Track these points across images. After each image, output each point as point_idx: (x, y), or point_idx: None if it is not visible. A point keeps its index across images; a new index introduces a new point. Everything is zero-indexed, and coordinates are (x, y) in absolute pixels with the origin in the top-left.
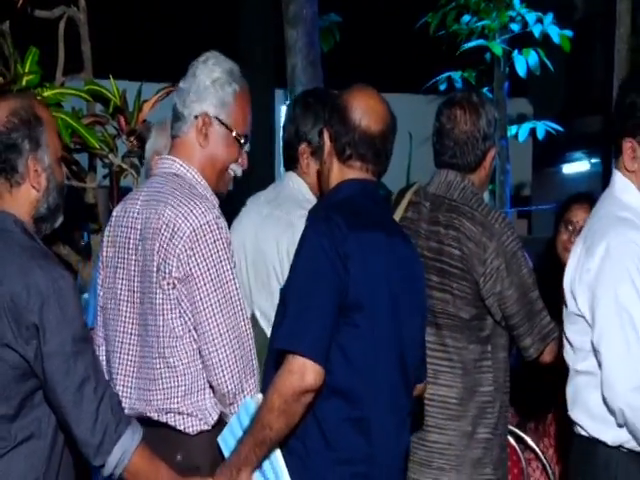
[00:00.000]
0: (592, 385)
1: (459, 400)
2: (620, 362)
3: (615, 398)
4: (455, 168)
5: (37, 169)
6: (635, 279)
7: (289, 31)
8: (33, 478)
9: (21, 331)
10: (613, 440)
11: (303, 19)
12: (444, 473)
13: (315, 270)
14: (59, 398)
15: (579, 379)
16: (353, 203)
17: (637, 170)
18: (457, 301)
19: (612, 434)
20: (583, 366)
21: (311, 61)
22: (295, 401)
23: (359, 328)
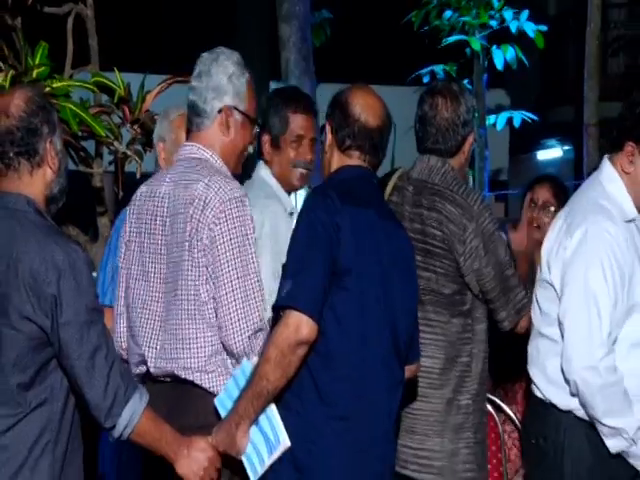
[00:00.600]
0: (553, 352)
1: (441, 370)
2: (580, 340)
3: (571, 371)
4: (437, 153)
5: (52, 152)
6: (605, 266)
7: (283, 27)
8: (47, 440)
9: (40, 303)
10: (565, 405)
11: (296, 16)
12: (428, 438)
13: (311, 238)
14: (73, 364)
15: (541, 341)
16: (349, 184)
17: (629, 172)
18: (440, 278)
19: (564, 399)
20: (547, 331)
21: (304, 55)
22: (290, 353)
23: (349, 291)
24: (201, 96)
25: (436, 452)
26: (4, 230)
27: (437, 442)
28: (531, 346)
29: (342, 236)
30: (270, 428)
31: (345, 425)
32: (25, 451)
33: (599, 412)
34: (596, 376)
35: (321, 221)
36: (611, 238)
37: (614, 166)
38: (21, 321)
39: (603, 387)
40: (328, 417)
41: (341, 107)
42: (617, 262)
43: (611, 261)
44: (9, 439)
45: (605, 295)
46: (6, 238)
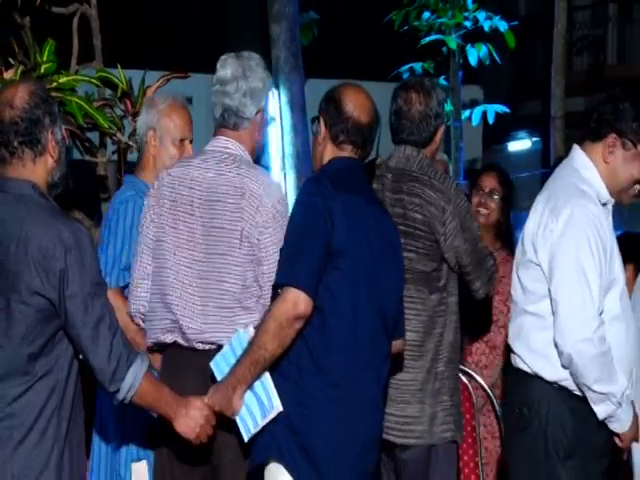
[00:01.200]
0: (538, 327)
1: (421, 342)
2: (574, 314)
3: (566, 345)
4: (412, 144)
5: (54, 142)
6: (592, 244)
7: (273, 27)
8: (52, 407)
9: (49, 278)
10: (550, 376)
11: (285, 16)
12: (409, 406)
13: (307, 221)
14: (79, 333)
15: (526, 318)
16: (340, 173)
17: (609, 162)
18: (421, 258)
19: (551, 371)
20: (532, 308)
21: (293, 53)
22: (288, 326)
23: (342, 271)
24: (241, 100)
25: (417, 418)
26: (12, 213)
27: (418, 408)
28: (514, 323)
29: (335, 219)
30: (264, 393)
31: (338, 393)
32: (33, 417)
33: (591, 380)
34: (591, 347)
35: (316, 205)
36: (595, 218)
37: (588, 154)
38: (31, 296)
39: (597, 356)
40: (323, 385)
41: (335, 104)
42: (601, 240)
43: (596, 239)
44: (19, 406)
45: (594, 271)
46: (14, 220)
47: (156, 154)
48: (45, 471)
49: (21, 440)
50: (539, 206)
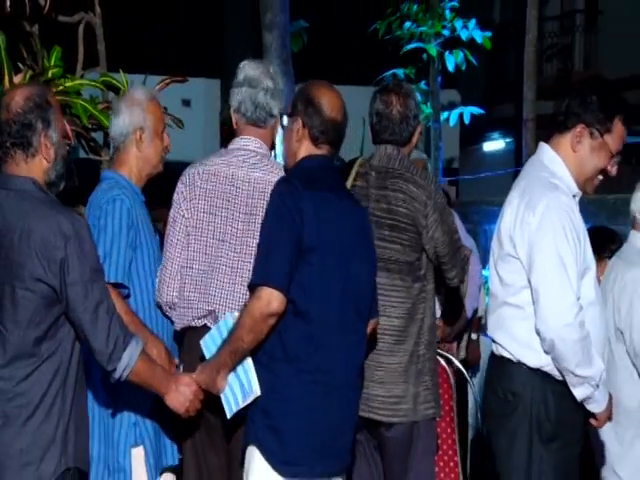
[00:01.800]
0: (519, 317)
1: (404, 327)
2: (556, 302)
3: (548, 331)
4: (393, 143)
5: (47, 144)
6: (567, 234)
7: (266, 35)
8: (57, 386)
9: (50, 266)
10: (534, 363)
11: (277, 25)
12: (396, 387)
13: (279, 222)
14: (80, 317)
15: (506, 309)
16: (312, 172)
17: (576, 152)
18: (405, 249)
19: (533, 358)
20: (512, 300)
21: (284, 59)
22: (262, 322)
23: (313, 266)
24: (270, 98)
25: (402, 397)
26: (15, 207)
27: (402, 388)
28: (494, 314)
29: (306, 219)
30: (245, 377)
31: (309, 377)
32: (39, 396)
33: (573, 364)
34: (573, 332)
35: (287, 207)
36: (568, 209)
37: (556, 147)
38: (34, 283)
39: (578, 341)
40: (294, 372)
41: (314, 107)
42: (575, 230)
43: (571, 229)
44: (26, 386)
45: (571, 260)
46: (17, 214)
47: (143, 149)
48: (52, 445)
49: (29, 417)
50: (514, 201)
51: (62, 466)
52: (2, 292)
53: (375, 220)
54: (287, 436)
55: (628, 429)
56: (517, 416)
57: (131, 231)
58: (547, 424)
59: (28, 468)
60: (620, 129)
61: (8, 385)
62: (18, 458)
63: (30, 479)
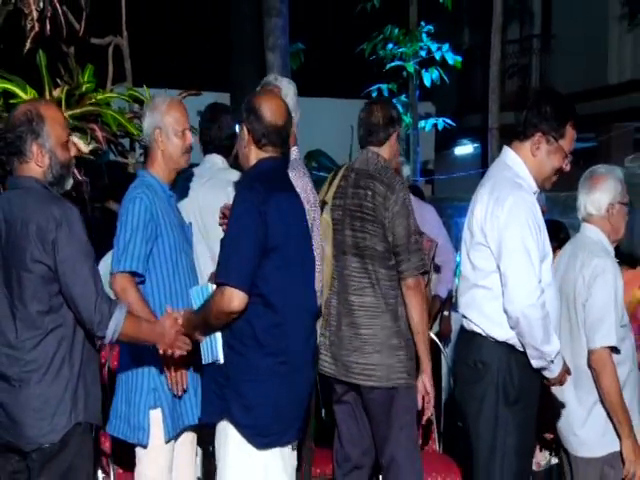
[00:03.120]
0: (488, 297)
1: (377, 305)
2: (521, 285)
3: (515, 310)
4: (371, 144)
5: (40, 152)
6: (531, 225)
7: (268, 55)
8: (63, 354)
9: (45, 247)
10: (501, 336)
11: (278, 46)
12: (371, 355)
13: (242, 225)
14: (70, 291)
15: (477, 291)
16: (267, 174)
17: (536, 156)
18: (373, 238)
19: (501, 332)
20: (482, 282)
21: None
22: (225, 316)
23: (276, 262)
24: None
25: (377, 365)
26: (19, 202)
27: (377, 358)
28: (466, 295)
29: (269, 220)
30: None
31: (276, 359)
32: (47, 362)
33: (534, 339)
34: (536, 311)
35: (250, 212)
36: (531, 205)
37: (517, 152)
38: (33, 264)
39: (540, 319)
40: (262, 355)
41: (255, 113)
42: (537, 222)
43: (534, 222)
44: (36, 353)
45: (535, 248)
46: (21, 206)
47: (164, 148)
48: (61, 404)
49: (39, 380)
50: (484, 197)
51: (72, 420)
52: (10, 275)
53: (350, 214)
54: (258, 412)
55: (590, 394)
56: (485, 382)
57: (150, 225)
58: (511, 389)
59: (42, 423)
60: (572, 133)
61: (20, 354)
62: (33, 415)
63: (45, 432)
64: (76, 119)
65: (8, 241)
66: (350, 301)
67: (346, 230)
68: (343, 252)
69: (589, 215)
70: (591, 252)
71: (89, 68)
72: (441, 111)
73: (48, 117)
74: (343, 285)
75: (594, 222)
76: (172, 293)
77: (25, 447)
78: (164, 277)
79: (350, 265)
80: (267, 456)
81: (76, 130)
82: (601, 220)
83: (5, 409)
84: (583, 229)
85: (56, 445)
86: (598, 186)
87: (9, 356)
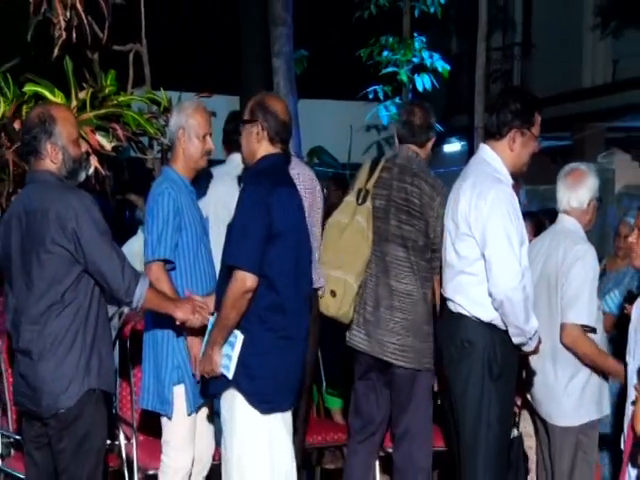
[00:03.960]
0: (474, 282)
1: (415, 292)
2: (505, 270)
3: (499, 293)
4: (413, 144)
5: (54, 150)
6: (512, 217)
7: (275, 60)
8: (77, 326)
9: (65, 234)
10: (485, 318)
11: (283, 53)
12: (406, 338)
13: (250, 215)
14: (98, 267)
15: (463, 277)
16: (272, 169)
17: (514, 150)
18: (416, 232)
19: (485, 314)
20: (468, 269)
21: (289, 80)
22: (240, 298)
23: (279, 248)
24: None
25: (410, 347)
26: (39, 193)
27: (411, 341)
28: (453, 282)
29: (273, 211)
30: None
31: (277, 334)
32: (62, 334)
33: (516, 319)
34: (518, 293)
35: (257, 203)
36: (510, 197)
37: (493, 150)
38: (53, 246)
39: (521, 301)
40: (265, 330)
41: (270, 112)
42: (515, 212)
43: (514, 212)
44: (53, 327)
45: (515, 236)
46: (40, 198)
47: (185, 148)
48: (76, 372)
49: (55, 352)
50: (467, 192)
51: (85, 387)
52: (31, 257)
53: (395, 205)
54: (263, 381)
55: (566, 369)
56: (472, 359)
57: (177, 217)
58: (495, 365)
59: (58, 391)
60: (539, 119)
61: (40, 328)
62: (50, 384)
63: (60, 399)
64: (99, 119)
65: (28, 230)
66: (391, 285)
67: (392, 220)
68: (386, 239)
69: (571, 208)
70: (572, 240)
71: (111, 73)
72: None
73: (59, 118)
74: (384, 270)
75: (573, 214)
76: (194, 280)
77: (44, 414)
78: (187, 266)
79: (393, 253)
80: (270, 420)
81: (99, 129)
82: (580, 213)
83: (26, 380)
84: (562, 220)
85: (71, 410)
86: (582, 183)
87: (32, 332)
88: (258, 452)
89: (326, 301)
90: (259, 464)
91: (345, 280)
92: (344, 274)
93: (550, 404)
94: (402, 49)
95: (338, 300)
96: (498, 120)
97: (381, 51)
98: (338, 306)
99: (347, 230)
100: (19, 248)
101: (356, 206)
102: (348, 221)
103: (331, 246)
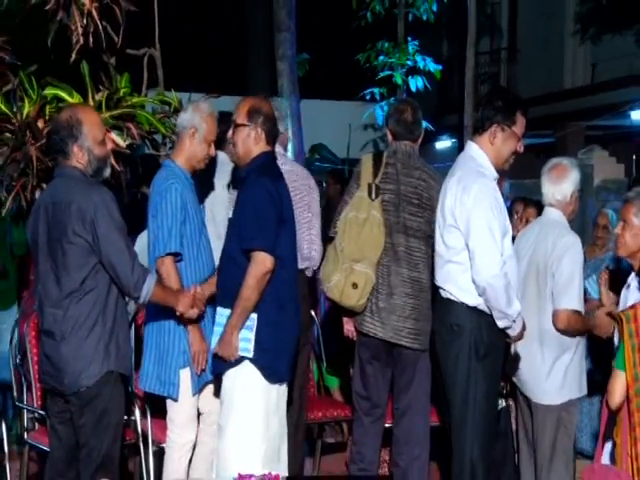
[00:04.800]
0: (460, 270)
1: (425, 280)
2: (486, 258)
3: (482, 280)
4: (409, 140)
5: (80, 151)
6: (494, 209)
7: (279, 63)
8: (96, 313)
9: (85, 225)
10: (472, 303)
11: (287, 56)
12: (419, 322)
13: (264, 203)
14: (110, 259)
15: (451, 266)
16: (270, 165)
17: (494, 144)
18: (427, 224)
19: (471, 299)
20: (455, 258)
21: (292, 81)
22: (262, 279)
23: (286, 231)
24: None
25: (421, 330)
26: (64, 187)
27: (422, 325)
28: (442, 271)
29: (283, 201)
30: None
31: (286, 310)
32: (83, 318)
33: (498, 304)
34: (499, 280)
35: (271, 193)
36: (493, 190)
37: (478, 145)
38: (74, 236)
39: (503, 287)
40: (277, 307)
41: (265, 116)
42: (498, 204)
43: (496, 204)
44: (75, 312)
45: (497, 227)
46: (65, 192)
47: (192, 147)
48: (95, 354)
49: (76, 334)
50: (453, 186)
51: (104, 368)
52: (55, 246)
53: (406, 198)
54: (274, 354)
55: (552, 352)
56: (460, 341)
57: (183, 210)
58: (481, 346)
59: (79, 371)
60: (522, 119)
61: (62, 312)
62: (72, 364)
63: (81, 379)
64: (114, 119)
65: (54, 219)
66: (403, 274)
67: (403, 213)
68: (397, 231)
69: (556, 201)
70: (560, 231)
71: (126, 75)
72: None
73: (85, 120)
74: (395, 260)
75: (558, 207)
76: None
77: (66, 391)
78: (191, 257)
79: (406, 243)
80: (271, 390)
81: (115, 128)
82: (565, 205)
83: (50, 360)
84: (547, 212)
85: (91, 389)
86: (565, 177)
87: (55, 315)
88: (255, 420)
89: (347, 292)
90: (254, 432)
91: (366, 272)
92: (365, 267)
93: (536, 384)
94: (397, 53)
95: (359, 292)
96: (482, 115)
97: (377, 55)
98: (358, 297)
99: (366, 225)
100: (45, 236)
101: (370, 201)
102: (365, 216)
103: (353, 240)
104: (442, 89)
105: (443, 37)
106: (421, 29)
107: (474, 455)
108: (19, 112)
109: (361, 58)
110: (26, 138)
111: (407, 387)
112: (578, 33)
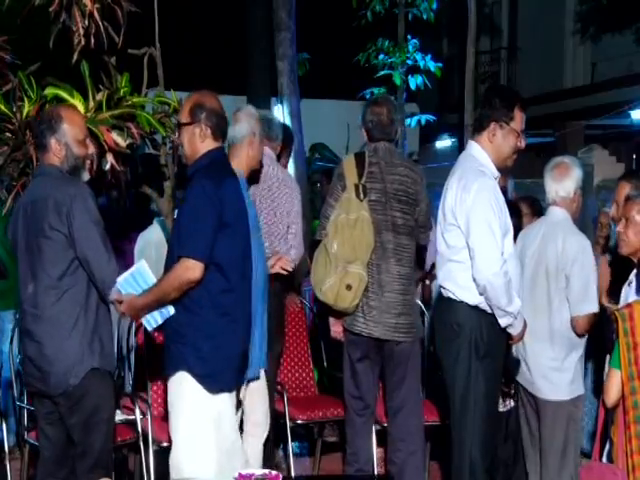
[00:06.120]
0: (461, 269)
1: (412, 275)
2: (487, 257)
3: (482, 278)
4: (385, 140)
5: (57, 145)
6: (494, 207)
7: (279, 63)
8: (78, 310)
9: (61, 218)
10: (472, 301)
11: (287, 56)
12: (410, 315)
13: (202, 207)
14: (85, 253)
15: (451, 265)
16: (219, 162)
17: (493, 142)
18: (411, 218)
19: (472, 298)
20: (455, 257)
21: (292, 81)
22: (186, 285)
23: (229, 236)
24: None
25: (413, 323)
26: (42, 185)
27: (413, 317)
28: (442, 270)
29: (224, 203)
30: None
31: (227, 318)
32: (64, 317)
33: (499, 302)
34: (499, 278)
35: (208, 194)
36: (493, 189)
37: (479, 144)
38: (51, 231)
39: (503, 285)
40: (217, 315)
41: (209, 111)
42: (498, 203)
43: (496, 203)
44: (55, 310)
45: (497, 226)
46: (43, 189)
47: (253, 150)
48: (78, 354)
49: (57, 335)
50: (453, 185)
51: (89, 366)
52: (32, 243)
53: (392, 196)
54: (214, 363)
55: (562, 350)
56: (460, 340)
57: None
58: (482, 345)
59: (62, 371)
60: (520, 115)
61: (40, 311)
62: (57, 365)
63: (66, 379)
64: (115, 118)
65: (33, 217)
66: (393, 271)
67: (391, 211)
68: (386, 229)
69: (560, 198)
70: (568, 231)
71: (126, 75)
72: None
73: (66, 117)
74: (386, 257)
75: (562, 205)
76: None
77: (52, 392)
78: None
79: (395, 240)
80: (217, 400)
81: (115, 128)
82: (568, 203)
83: (33, 362)
84: (552, 211)
85: (78, 388)
86: (567, 175)
87: (33, 314)
88: (205, 431)
89: (342, 295)
90: (206, 443)
91: (359, 273)
92: (358, 267)
93: (545, 381)
94: (397, 52)
95: (353, 293)
96: (480, 114)
97: (377, 55)
98: (352, 298)
99: (357, 225)
100: (24, 235)
101: (358, 202)
102: (356, 217)
103: (346, 242)
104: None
105: (443, 36)
106: (421, 28)
107: (474, 454)
108: (19, 112)
109: (361, 58)
110: (26, 138)
111: (400, 385)
112: (578, 32)
